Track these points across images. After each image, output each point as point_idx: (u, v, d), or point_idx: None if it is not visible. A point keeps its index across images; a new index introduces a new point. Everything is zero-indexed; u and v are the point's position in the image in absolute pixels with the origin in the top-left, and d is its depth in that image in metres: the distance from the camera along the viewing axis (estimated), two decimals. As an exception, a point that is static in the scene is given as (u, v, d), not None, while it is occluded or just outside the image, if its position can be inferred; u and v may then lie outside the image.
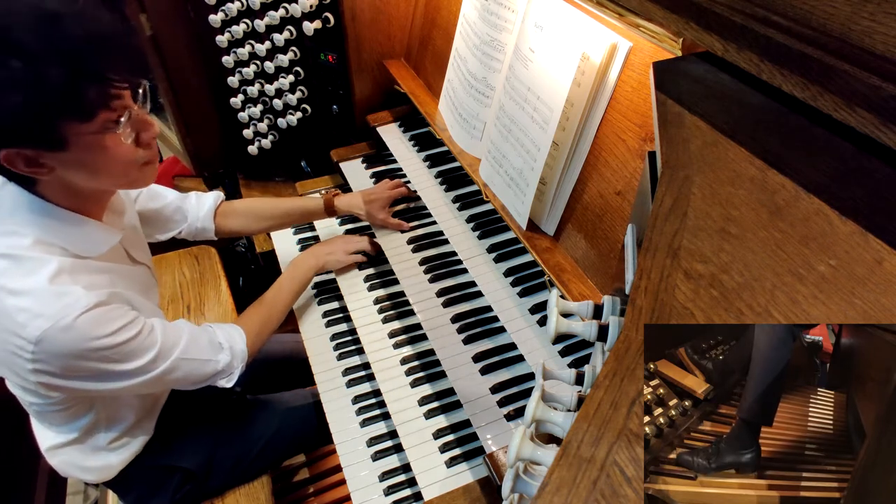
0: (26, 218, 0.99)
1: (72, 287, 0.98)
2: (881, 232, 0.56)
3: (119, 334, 1.03)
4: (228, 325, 1.31)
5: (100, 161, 0.96)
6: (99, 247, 1.08)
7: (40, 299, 0.96)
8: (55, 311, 0.96)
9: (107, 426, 1.25)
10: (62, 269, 0.98)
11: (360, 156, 1.93)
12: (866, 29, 0.54)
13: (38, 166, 0.93)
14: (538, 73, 1.20)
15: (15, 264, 0.97)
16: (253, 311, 1.41)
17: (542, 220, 1.32)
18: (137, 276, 1.21)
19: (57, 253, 1.00)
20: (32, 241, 0.98)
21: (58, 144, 0.90)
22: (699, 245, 0.59)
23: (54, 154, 0.92)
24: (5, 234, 0.98)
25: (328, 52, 1.81)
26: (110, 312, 1.02)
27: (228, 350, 1.25)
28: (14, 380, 1.07)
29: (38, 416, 1.22)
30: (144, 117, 1.00)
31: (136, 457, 1.32)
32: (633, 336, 0.54)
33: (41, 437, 1.26)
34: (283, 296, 1.48)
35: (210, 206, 1.53)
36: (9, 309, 0.96)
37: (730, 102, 0.74)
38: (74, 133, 0.90)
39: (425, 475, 1.23)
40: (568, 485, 0.47)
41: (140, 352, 1.07)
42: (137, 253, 1.24)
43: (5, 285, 0.96)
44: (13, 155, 0.89)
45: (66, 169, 0.95)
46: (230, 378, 1.26)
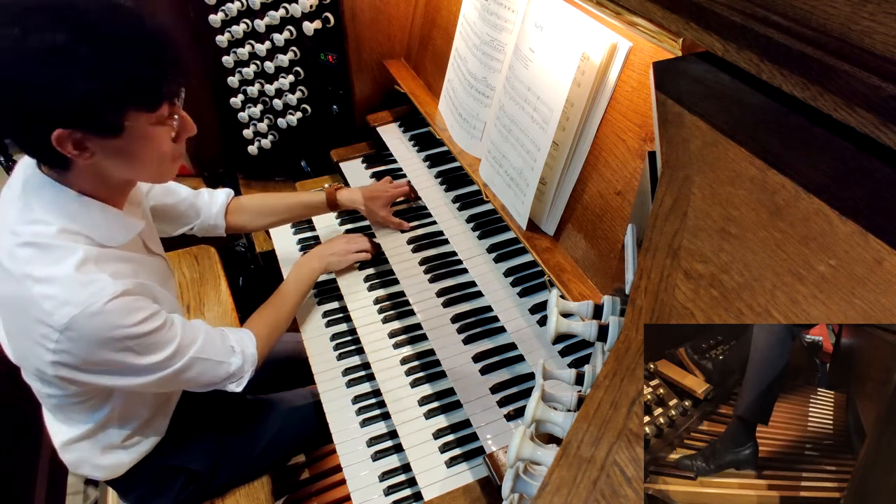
0: (51, 206, 1.00)
1: (99, 275, 0.99)
2: (881, 232, 0.56)
3: (143, 325, 1.04)
4: (240, 330, 1.32)
5: (143, 151, 0.99)
6: (122, 236, 1.09)
7: (68, 287, 0.96)
8: (83, 299, 0.96)
9: (121, 423, 1.25)
10: (88, 258, 0.99)
11: (360, 156, 1.93)
12: (866, 29, 0.54)
13: (83, 149, 0.94)
14: (538, 73, 1.20)
15: (41, 252, 0.98)
16: (261, 316, 1.42)
17: (542, 220, 1.32)
18: (156, 267, 1.22)
19: (81, 241, 1.01)
20: (57, 230, 0.99)
21: (114, 131, 0.93)
22: (699, 245, 0.59)
23: (105, 140, 0.94)
24: (30, 222, 0.99)
25: (328, 52, 1.81)
26: (136, 302, 1.03)
27: (240, 354, 1.26)
28: (32, 370, 1.07)
29: (54, 410, 1.22)
30: (187, 116, 1.05)
31: (146, 456, 1.33)
32: (633, 336, 0.54)
33: (55, 431, 1.26)
34: (290, 299, 1.49)
35: (222, 203, 1.54)
36: (35, 297, 0.96)
37: (730, 102, 0.74)
38: (134, 122, 0.94)
39: (425, 475, 1.23)
40: (568, 485, 0.47)
41: (160, 346, 1.08)
42: (153, 244, 1.25)
43: (31, 273, 0.97)
44: (66, 136, 0.90)
45: (106, 155, 0.97)
46: (240, 383, 1.27)
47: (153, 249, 1.24)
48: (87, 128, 0.91)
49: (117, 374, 1.07)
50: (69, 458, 1.27)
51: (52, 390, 1.13)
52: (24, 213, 1.00)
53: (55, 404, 1.19)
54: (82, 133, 0.92)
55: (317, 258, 1.58)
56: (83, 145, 0.93)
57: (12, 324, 1.04)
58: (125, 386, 1.09)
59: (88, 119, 0.90)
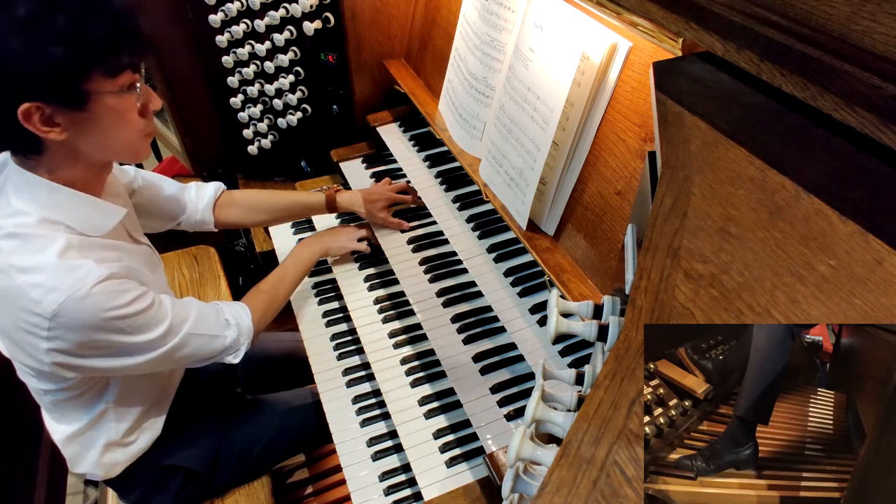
0: (30, 197, 1.01)
1: (83, 261, 1.00)
2: (881, 232, 0.56)
3: (132, 305, 1.05)
4: (235, 303, 1.33)
5: (111, 124, 1.01)
6: (103, 224, 1.09)
7: (53, 274, 0.97)
8: (69, 284, 0.97)
9: (117, 417, 1.25)
10: (70, 245, 1.00)
11: (360, 156, 1.93)
12: (866, 29, 0.54)
13: (52, 125, 0.95)
14: (538, 73, 1.20)
15: (23, 243, 0.99)
16: (258, 292, 1.43)
17: (542, 220, 1.32)
18: (142, 254, 1.22)
19: (62, 231, 1.02)
20: (37, 220, 1.00)
21: (79, 101, 0.95)
22: (699, 245, 0.59)
23: (72, 113, 0.95)
24: (10, 214, 1.00)
25: (328, 52, 1.81)
26: (122, 284, 1.04)
27: (235, 326, 1.27)
28: (28, 362, 1.08)
29: (51, 406, 1.23)
30: (149, 89, 1.06)
31: (143, 455, 1.33)
32: (633, 336, 0.54)
33: (54, 429, 1.26)
34: (288, 278, 1.50)
35: (210, 198, 1.53)
36: (21, 286, 0.97)
37: (730, 102, 0.74)
38: (97, 91, 0.96)
39: (425, 475, 1.23)
40: (568, 485, 0.47)
41: (152, 325, 1.09)
42: (137, 234, 1.26)
43: (16, 264, 0.98)
44: (33, 109, 0.92)
45: (78, 132, 0.98)
46: (237, 354, 1.28)
47: (138, 238, 1.25)
48: (53, 98, 0.93)
49: (114, 356, 1.08)
50: (69, 453, 1.28)
51: (48, 385, 1.14)
52: (1, 207, 1.01)
53: (51, 401, 1.19)
54: (48, 106, 0.93)
55: (317, 242, 1.60)
56: (52, 120, 0.95)
57: (2, 318, 1.04)
58: (123, 367, 1.10)
59: (53, 88, 0.92)
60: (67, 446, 1.26)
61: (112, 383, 1.21)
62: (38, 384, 1.15)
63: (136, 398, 1.27)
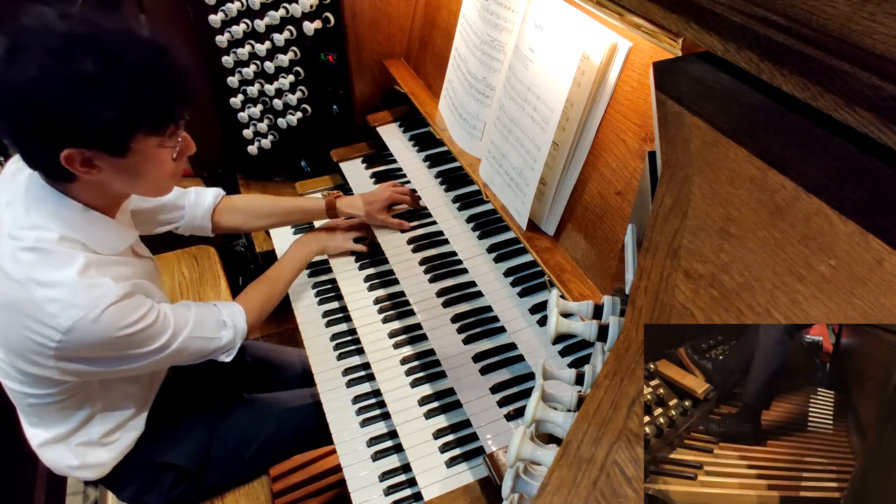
0: (51, 213, 1.04)
1: (102, 279, 1.04)
2: (881, 232, 0.56)
3: (141, 321, 1.09)
4: (232, 304, 1.36)
5: (147, 170, 1.05)
6: (116, 245, 1.13)
7: (73, 290, 1.01)
8: (88, 302, 1.01)
9: (101, 420, 1.26)
10: (90, 264, 1.04)
11: (360, 156, 1.93)
12: (866, 29, 0.54)
13: (91, 167, 0.99)
14: (538, 73, 1.20)
15: (44, 257, 1.01)
16: (255, 290, 1.45)
17: (542, 220, 1.32)
18: (147, 268, 1.25)
19: (80, 249, 1.05)
20: (59, 237, 1.03)
21: (121, 151, 0.99)
22: (699, 245, 0.59)
23: (112, 158, 0.99)
24: (31, 227, 1.03)
25: (328, 52, 1.81)
26: (133, 302, 1.08)
27: (231, 327, 1.30)
28: (24, 367, 1.08)
29: (31, 412, 1.22)
30: (188, 137, 1.11)
31: (129, 453, 1.33)
32: (633, 336, 0.54)
33: (32, 434, 1.26)
34: (284, 276, 1.52)
35: (209, 205, 1.53)
36: (38, 300, 1.00)
37: (730, 102, 0.74)
38: (141, 144, 1.00)
39: (425, 475, 1.23)
40: (568, 485, 0.47)
41: (156, 336, 1.14)
42: (140, 249, 1.28)
43: (35, 277, 1.00)
44: (75, 154, 0.96)
45: (112, 172, 1.02)
46: (230, 353, 1.32)
47: (141, 253, 1.28)
48: (98, 147, 0.97)
49: (116, 363, 1.12)
50: (48, 458, 1.28)
51: (34, 389, 1.14)
52: (23, 217, 1.04)
53: (33, 404, 1.19)
54: (91, 152, 0.97)
55: (315, 240, 1.61)
56: (91, 163, 0.98)
57: (6, 324, 1.05)
58: (124, 370, 1.14)
59: (101, 141, 0.96)
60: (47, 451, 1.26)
61: (98, 391, 1.23)
62: (22, 388, 1.15)
63: (120, 402, 1.29)
